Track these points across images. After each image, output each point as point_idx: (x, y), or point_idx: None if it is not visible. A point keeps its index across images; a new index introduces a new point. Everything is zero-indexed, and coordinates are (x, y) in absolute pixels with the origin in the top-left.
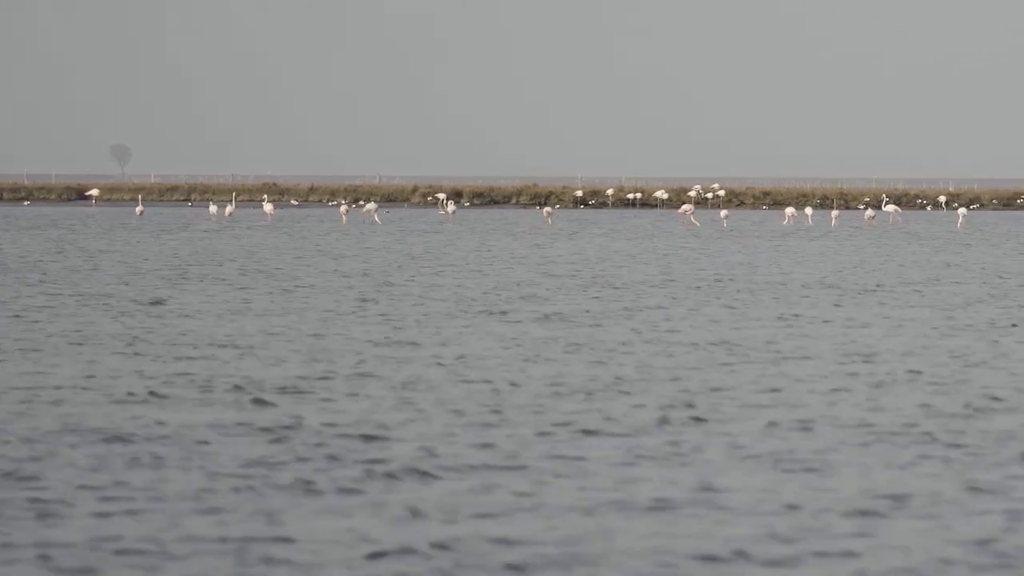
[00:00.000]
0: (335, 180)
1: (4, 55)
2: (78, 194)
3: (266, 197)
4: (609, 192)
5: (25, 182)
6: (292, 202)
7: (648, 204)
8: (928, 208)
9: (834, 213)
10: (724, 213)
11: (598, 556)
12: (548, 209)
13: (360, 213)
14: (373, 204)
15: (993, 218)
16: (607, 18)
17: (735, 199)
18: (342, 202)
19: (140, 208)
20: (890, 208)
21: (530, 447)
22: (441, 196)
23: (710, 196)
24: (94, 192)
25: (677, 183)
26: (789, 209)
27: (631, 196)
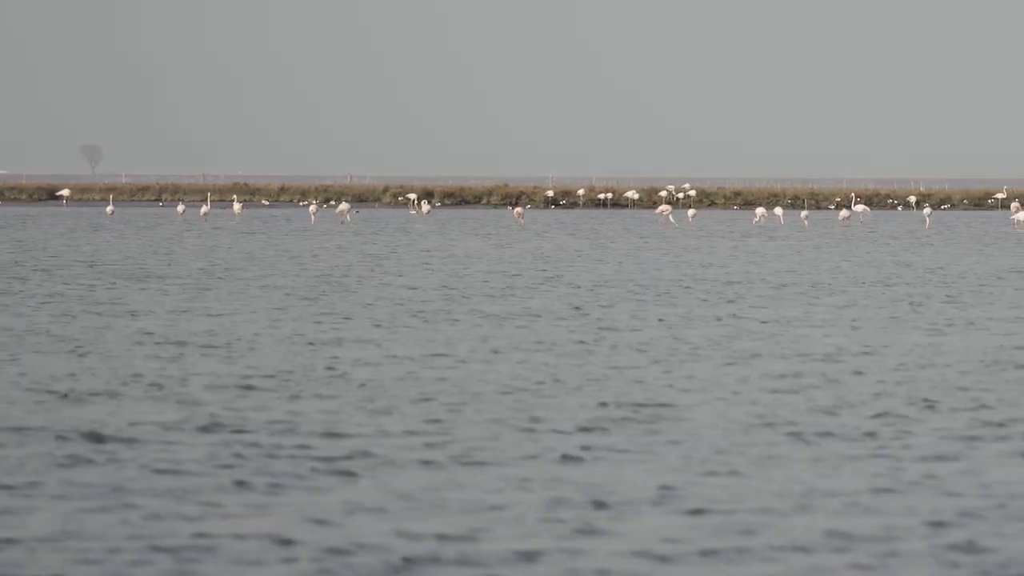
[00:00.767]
0: (306, 180)
1: None
2: (49, 194)
3: (235, 197)
4: (580, 192)
5: None
6: (263, 202)
7: (619, 204)
8: (899, 208)
9: (804, 213)
10: (691, 212)
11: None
12: (519, 209)
13: (333, 214)
14: (346, 204)
15: (964, 218)
16: (578, 21)
17: (706, 199)
18: (312, 202)
19: (111, 208)
20: (859, 208)
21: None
22: (412, 196)
23: (681, 196)
24: (65, 192)
25: (648, 183)
26: (760, 209)
27: (602, 196)
